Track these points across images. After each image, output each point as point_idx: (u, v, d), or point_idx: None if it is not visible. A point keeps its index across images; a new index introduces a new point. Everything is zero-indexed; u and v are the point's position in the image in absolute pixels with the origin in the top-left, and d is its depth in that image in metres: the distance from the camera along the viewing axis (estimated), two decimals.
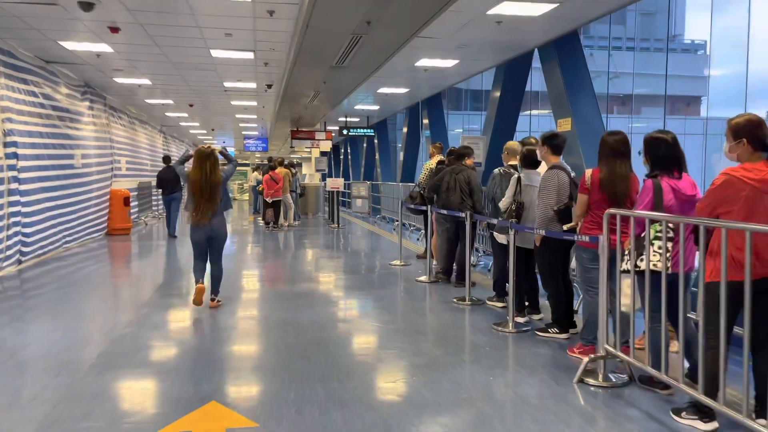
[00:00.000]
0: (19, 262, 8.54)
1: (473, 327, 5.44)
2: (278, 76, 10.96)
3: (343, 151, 31.88)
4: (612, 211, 3.92)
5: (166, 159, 13.27)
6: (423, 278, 7.63)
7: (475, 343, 4.92)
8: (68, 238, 10.46)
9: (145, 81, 11.74)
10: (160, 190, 12.81)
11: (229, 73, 10.82)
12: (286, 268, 8.64)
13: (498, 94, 10.38)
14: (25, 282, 7.63)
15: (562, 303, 5.08)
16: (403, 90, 13.08)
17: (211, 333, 5.19)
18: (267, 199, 14.26)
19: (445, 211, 7.21)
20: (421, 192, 9.33)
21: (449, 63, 9.82)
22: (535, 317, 5.74)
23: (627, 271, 3.73)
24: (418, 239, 11.79)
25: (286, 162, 15.56)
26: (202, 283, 5.86)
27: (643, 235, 3.62)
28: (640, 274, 3.64)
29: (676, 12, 36.96)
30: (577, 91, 8.12)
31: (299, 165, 17.18)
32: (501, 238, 5.86)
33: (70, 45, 8.50)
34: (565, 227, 4.77)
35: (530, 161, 5.50)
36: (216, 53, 9.03)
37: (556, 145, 5.06)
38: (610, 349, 3.95)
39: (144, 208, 16.68)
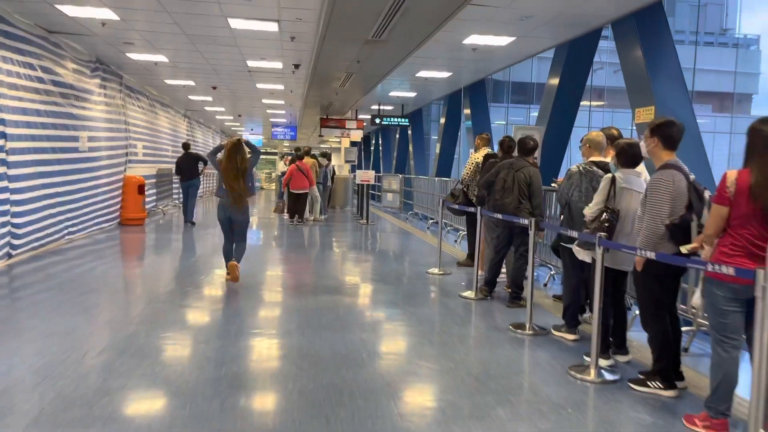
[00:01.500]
0: (9, 256, 7.54)
1: (542, 371, 4.19)
2: (307, 55, 9.78)
3: (373, 142, 30.71)
4: None
5: (186, 146, 12.80)
6: (468, 294, 6.39)
7: (550, 398, 3.66)
8: (72, 229, 9.48)
9: (161, 58, 10.68)
10: (179, 177, 12.62)
11: (252, 49, 9.67)
12: (308, 274, 7.48)
13: (556, 80, 9.02)
14: (10, 281, 6.61)
15: (670, 349, 3.80)
16: (444, 74, 11.76)
17: (207, 373, 4.02)
18: (293, 191, 13.18)
19: (499, 216, 5.95)
20: (464, 190, 8.10)
21: (503, 41, 8.49)
22: (622, 359, 4.45)
23: None
24: (456, 241, 10.54)
25: (312, 152, 14.43)
26: (232, 260, 6.52)
27: None
28: None
29: (728, 5, 34.78)
30: (662, 75, 6.74)
31: (327, 156, 15.96)
32: (582, 255, 4.59)
33: (69, 9, 7.42)
34: (683, 249, 3.48)
35: (631, 158, 4.20)
36: (235, 23, 7.88)
37: (670, 136, 3.75)
38: None
39: (163, 197, 15.74)
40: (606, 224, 4.13)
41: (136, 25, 8.24)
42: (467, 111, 13.61)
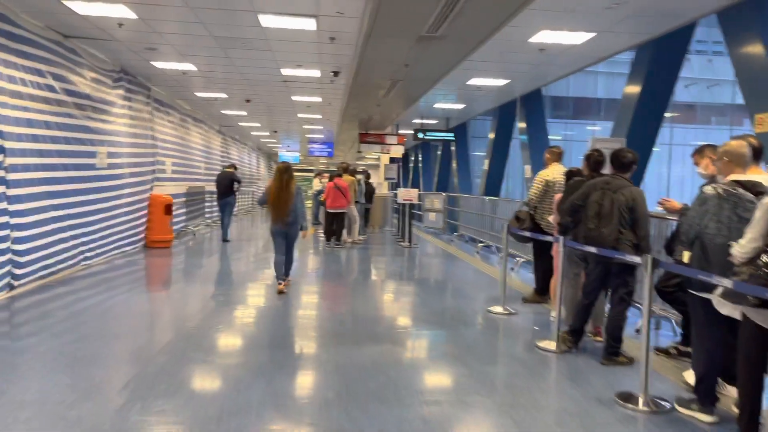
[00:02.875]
0: (10, 287, 6.60)
1: None
2: (347, 60, 8.74)
3: (412, 158, 29.56)
4: None
5: (231, 167, 13.07)
6: (547, 344, 5.11)
7: None
8: (88, 254, 8.55)
9: (189, 66, 9.78)
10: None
11: (287, 54, 8.66)
12: (348, 312, 6.30)
13: (639, 87, 7.70)
14: None
15: None
16: (499, 82, 10.54)
17: None
18: (329, 211, 12.12)
19: (593, 249, 4.68)
20: (531, 213, 6.86)
21: (578, 38, 7.23)
22: None
23: None
24: (512, 269, 9.25)
25: (350, 168, 13.35)
26: (281, 283, 7.06)
27: None
28: None
29: None
30: None
31: (365, 173, 14.87)
32: (728, 309, 3.32)
33: (78, 6, 6.51)
34: None
35: None
36: (267, 21, 6.85)
37: None
38: None
39: (194, 216, 14.88)
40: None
41: (157, 25, 7.30)
42: (522, 125, 12.33)
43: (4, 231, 6.38)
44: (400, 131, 18.06)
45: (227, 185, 12.39)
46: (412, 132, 16.50)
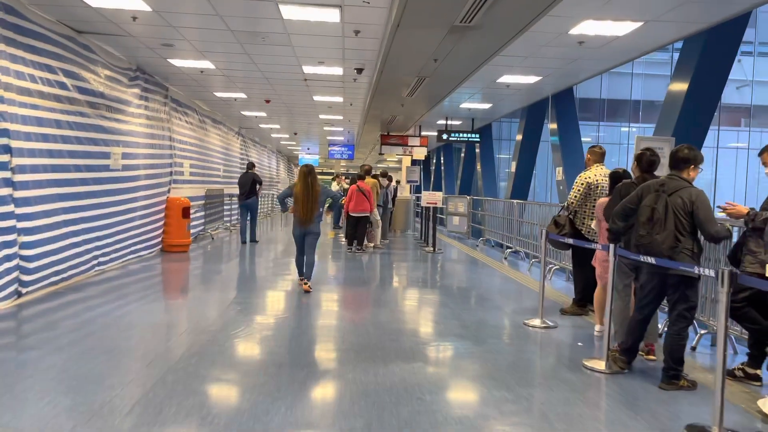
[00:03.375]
0: (18, 294, 6.27)
1: None
2: (372, 56, 8.31)
3: (434, 160, 29.05)
4: None
5: (251, 165, 12.95)
6: (596, 364, 4.61)
7: None
8: (102, 259, 8.23)
9: (207, 64, 9.43)
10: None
11: (308, 50, 8.26)
12: (371, 323, 5.84)
13: (686, 81, 7.13)
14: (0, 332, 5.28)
15: None
16: (531, 79, 10.01)
17: None
18: (352, 215, 11.71)
19: (651, 259, 4.17)
20: (571, 217, 6.37)
21: (623, 28, 6.66)
22: None
23: None
24: (548, 278, 8.74)
25: (373, 171, 12.92)
26: (301, 278, 7.39)
27: None
28: None
29: None
30: None
31: (387, 176, 14.42)
32: None
33: None
34: None
35: None
36: (288, 12, 6.44)
37: None
38: None
39: (213, 219, 14.57)
40: None
41: (172, 18, 6.94)
42: (553, 125, 11.78)
43: (10, 236, 6.04)
44: (423, 133, 17.60)
45: (250, 186, 12.33)
46: (435, 134, 16.03)
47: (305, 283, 7.19)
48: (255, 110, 15.23)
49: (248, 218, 12.61)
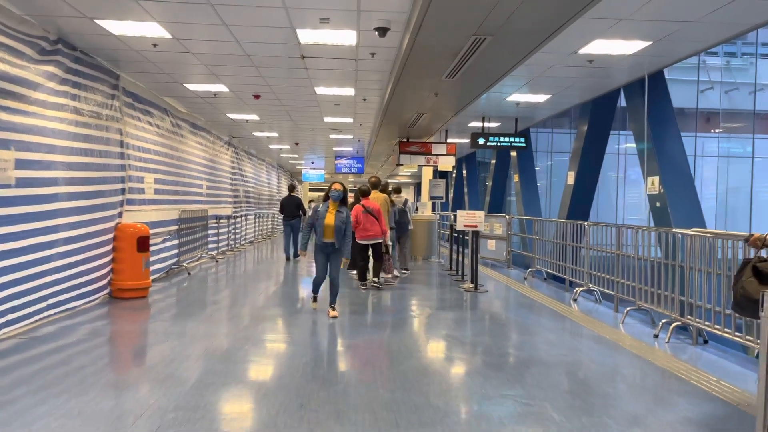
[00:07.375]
0: None
1: None
2: (402, 4, 5.37)
3: (454, 174, 25.74)
4: None
5: (291, 188, 13.81)
6: None
7: None
8: (9, 316, 5.22)
9: (156, 29, 6.48)
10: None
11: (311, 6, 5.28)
12: None
13: None
14: None
15: None
16: (631, 47, 6.81)
17: None
18: (359, 242, 8.77)
19: None
20: None
21: None
22: None
23: None
24: (656, 336, 5.67)
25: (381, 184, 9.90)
26: (315, 301, 7.38)
27: None
28: None
29: None
30: None
31: (395, 190, 11.30)
32: None
33: None
34: None
35: None
36: None
37: None
38: None
39: (191, 248, 11.58)
40: None
41: None
42: (637, 124, 8.72)
43: None
44: (449, 140, 14.63)
45: (293, 209, 13.20)
46: (464, 140, 13.03)
47: (333, 309, 6.92)
48: (244, 112, 12.30)
49: (291, 236, 13.16)
